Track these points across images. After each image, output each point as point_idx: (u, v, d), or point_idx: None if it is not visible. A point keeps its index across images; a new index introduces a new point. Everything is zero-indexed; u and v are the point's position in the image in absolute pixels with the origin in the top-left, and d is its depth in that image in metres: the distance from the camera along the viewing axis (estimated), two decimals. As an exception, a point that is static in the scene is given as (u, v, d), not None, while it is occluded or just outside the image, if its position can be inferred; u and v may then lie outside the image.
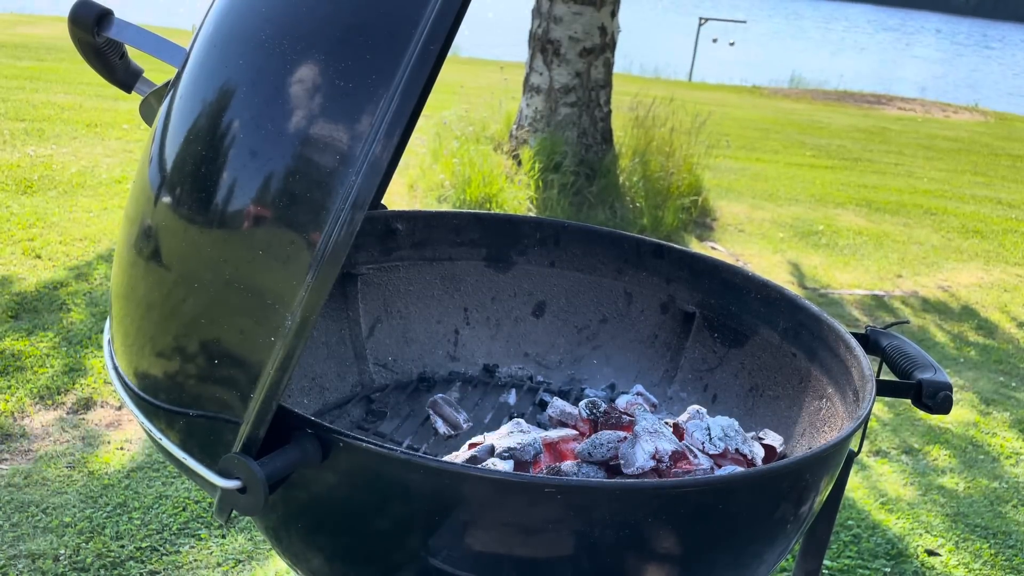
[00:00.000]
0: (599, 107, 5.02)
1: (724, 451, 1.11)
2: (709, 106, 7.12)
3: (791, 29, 34.27)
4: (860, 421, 0.91)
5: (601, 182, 4.87)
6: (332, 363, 1.35)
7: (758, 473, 0.83)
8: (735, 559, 0.87)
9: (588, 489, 0.79)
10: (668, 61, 13.48)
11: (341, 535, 0.86)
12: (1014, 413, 3.12)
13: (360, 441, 0.77)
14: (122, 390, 0.88)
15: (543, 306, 1.46)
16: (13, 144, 4.93)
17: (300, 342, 0.71)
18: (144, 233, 0.83)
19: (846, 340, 1.10)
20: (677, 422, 1.23)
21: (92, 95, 6.46)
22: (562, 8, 4.84)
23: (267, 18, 0.79)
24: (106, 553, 1.92)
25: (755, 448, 1.15)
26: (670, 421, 1.22)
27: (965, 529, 2.39)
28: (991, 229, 5.72)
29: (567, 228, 1.44)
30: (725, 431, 1.12)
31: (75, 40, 0.96)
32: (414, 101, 0.69)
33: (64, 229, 3.73)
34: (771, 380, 1.27)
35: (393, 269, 1.41)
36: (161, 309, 0.82)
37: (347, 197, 0.69)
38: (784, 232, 5.11)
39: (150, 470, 2.24)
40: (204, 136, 0.79)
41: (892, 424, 2.95)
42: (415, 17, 0.70)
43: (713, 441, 1.11)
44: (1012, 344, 3.81)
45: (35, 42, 8.94)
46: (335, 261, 0.69)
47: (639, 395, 1.32)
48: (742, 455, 1.10)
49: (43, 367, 2.63)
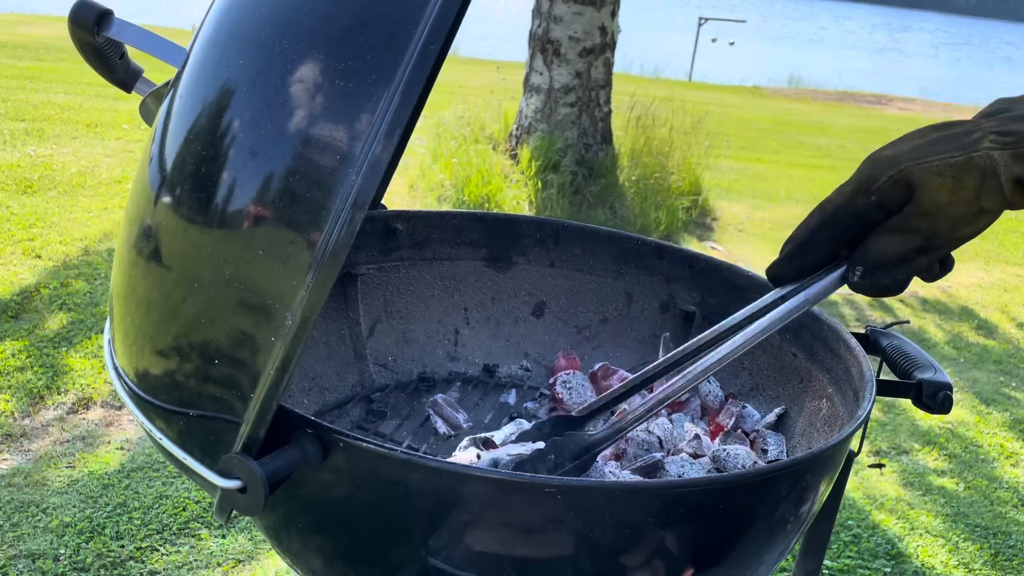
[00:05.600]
0: (599, 107, 5.02)
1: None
2: (709, 106, 7.12)
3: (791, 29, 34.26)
4: (860, 421, 0.91)
5: (601, 182, 4.87)
6: (332, 363, 1.35)
7: (758, 473, 0.83)
8: (735, 559, 0.87)
9: (588, 489, 0.79)
10: (668, 61, 13.48)
11: (341, 535, 0.86)
12: (1014, 413, 3.12)
13: (360, 441, 0.77)
14: (122, 390, 0.88)
15: (543, 306, 1.46)
16: (13, 144, 4.93)
17: (300, 342, 0.71)
18: (144, 233, 0.83)
19: (846, 340, 1.10)
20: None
21: (92, 95, 6.46)
22: (562, 8, 4.84)
23: (267, 18, 0.79)
24: (106, 553, 1.92)
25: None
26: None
27: (965, 529, 2.39)
28: (991, 229, 5.71)
29: (567, 228, 1.44)
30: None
31: (75, 40, 0.96)
32: (414, 101, 0.69)
33: (64, 229, 3.73)
34: (771, 380, 1.27)
35: (393, 269, 1.41)
36: (161, 309, 0.82)
37: (347, 197, 0.69)
38: (784, 232, 5.11)
39: (150, 470, 2.24)
40: (204, 136, 0.79)
41: (892, 424, 2.96)
42: (415, 17, 0.70)
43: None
44: (1012, 344, 3.81)
45: (35, 42, 8.94)
46: (335, 261, 0.69)
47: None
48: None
49: (43, 367, 2.63)
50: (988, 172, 0.74)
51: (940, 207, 0.75)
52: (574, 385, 1.28)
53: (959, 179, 0.75)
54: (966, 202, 0.75)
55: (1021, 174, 0.74)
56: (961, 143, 0.76)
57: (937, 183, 0.75)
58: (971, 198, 0.75)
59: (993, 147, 0.75)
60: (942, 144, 0.76)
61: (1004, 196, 0.75)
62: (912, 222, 0.77)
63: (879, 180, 0.77)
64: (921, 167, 0.76)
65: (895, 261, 0.78)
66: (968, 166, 0.75)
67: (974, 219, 0.76)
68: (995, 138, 0.75)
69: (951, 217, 0.76)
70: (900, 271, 0.79)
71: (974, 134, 0.76)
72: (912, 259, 0.78)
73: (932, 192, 0.75)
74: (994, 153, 0.75)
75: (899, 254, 0.78)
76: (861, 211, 0.79)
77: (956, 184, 0.75)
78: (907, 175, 0.76)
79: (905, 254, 0.78)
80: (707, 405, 1.29)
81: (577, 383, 1.28)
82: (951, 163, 0.75)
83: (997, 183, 0.75)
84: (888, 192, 0.77)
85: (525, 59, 5.10)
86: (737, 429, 1.21)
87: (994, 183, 0.75)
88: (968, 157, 0.75)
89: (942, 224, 0.76)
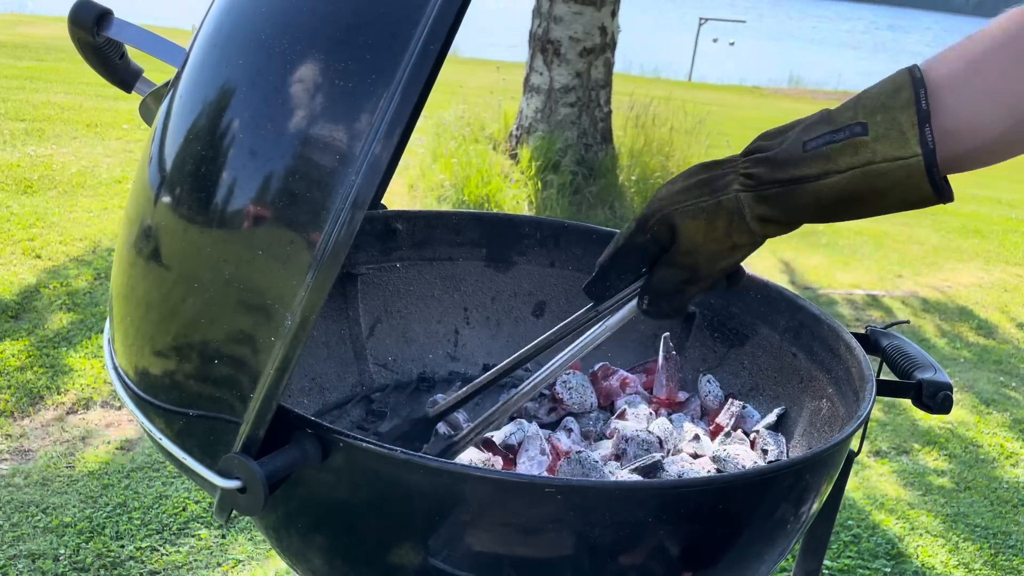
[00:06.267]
0: (599, 107, 5.02)
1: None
2: (709, 106, 7.12)
3: (791, 29, 34.24)
4: (860, 421, 0.91)
5: (601, 182, 4.87)
6: (332, 363, 1.35)
7: (758, 473, 0.83)
8: (735, 559, 0.87)
9: (588, 489, 0.79)
10: (668, 61, 13.48)
11: (341, 535, 0.86)
12: (1014, 413, 3.12)
13: (360, 441, 0.77)
14: (122, 390, 0.88)
15: (543, 306, 1.46)
16: (13, 144, 4.93)
17: (300, 342, 0.71)
18: (144, 233, 0.83)
19: (846, 340, 1.10)
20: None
21: (92, 95, 6.46)
22: (562, 8, 4.84)
23: (267, 18, 0.79)
24: (106, 553, 1.92)
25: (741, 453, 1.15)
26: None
27: (964, 529, 2.39)
28: (991, 229, 5.72)
29: (567, 228, 1.44)
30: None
31: (75, 40, 0.96)
32: (414, 101, 0.69)
33: (64, 229, 3.73)
34: (771, 380, 1.27)
35: (393, 269, 1.41)
36: (161, 309, 0.82)
37: (347, 197, 0.69)
38: (784, 232, 5.11)
39: (150, 470, 2.24)
40: (204, 136, 0.79)
41: (892, 424, 2.95)
42: (415, 17, 0.69)
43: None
44: (1011, 344, 3.81)
45: (35, 42, 8.94)
46: (335, 261, 0.69)
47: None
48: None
49: (43, 367, 2.63)
50: (735, 214, 0.82)
51: (697, 245, 0.85)
52: (574, 385, 1.28)
53: (711, 221, 0.83)
54: (718, 240, 0.84)
55: (764, 213, 0.82)
56: (715, 186, 0.84)
57: (692, 225, 0.84)
58: (722, 236, 0.83)
59: (741, 189, 0.82)
60: (698, 189, 0.84)
61: (752, 232, 0.83)
62: (678, 258, 0.86)
63: (650, 220, 0.87)
64: (679, 211, 0.85)
65: (671, 291, 0.89)
66: (717, 209, 0.83)
67: (729, 253, 0.85)
68: (743, 180, 0.82)
69: (708, 252, 0.85)
70: (676, 299, 0.89)
71: (727, 176, 0.84)
72: (683, 289, 0.88)
73: (689, 233, 0.85)
74: (741, 195, 0.82)
75: (672, 285, 0.88)
76: (641, 246, 0.89)
77: (708, 226, 0.84)
78: (668, 217, 0.85)
79: (677, 285, 0.88)
80: (707, 405, 1.29)
81: (577, 383, 1.28)
82: (702, 207, 0.84)
83: (744, 223, 0.82)
84: (658, 231, 0.87)
85: (525, 59, 5.10)
86: (737, 429, 1.21)
87: (741, 223, 0.82)
88: (717, 201, 0.83)
89: (701, 259, 0.85)
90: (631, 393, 1.31)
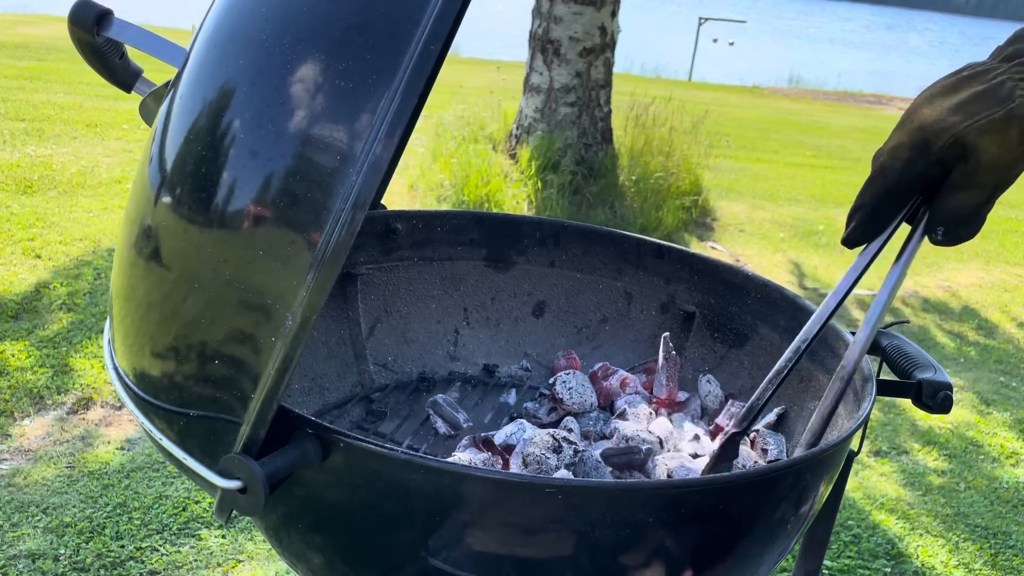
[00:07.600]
0: (599, 107, 5.02)
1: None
2: (709, 106, 7.12)
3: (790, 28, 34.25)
4: (860, 421, 0.91)
5: (601, 182, 4.87)
6: (332, 363, 1.35)
7: (758, 473, 0.83)
8: (735, 559, 0.87)
9: (588, 489, 0.79)
10: (668, 61, 13.48)
11: (341, 535, 0.86)
12: (1014, 413, 3.12)
13: (360, 441, 0.77)
14: (122, 390, 0.88)
15: (543, 306, 1.46)
16: (13, 144, 4.93)
17: (300, 342, 0.71)
18: (144, 233, 0.83)
19: (846, 340, 1.10)
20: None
21: (92, 95, 6.46)
22: (562, 8, 4.84)
23: (267, 18, 0.79)
24: (106, 553, 1.92)
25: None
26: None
27: (964, 529, 2.39)
28: (991, 229, 5.71)
29: (567, 228, 1.44)
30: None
31: (75, 40, 0.96)
32: (415, 101, 0.69)
33: (64, 229, 3.73)
34: (771, 380, 1.27)
35: (393, 269, 1.41)
36: (161, 309, 0.82)
37: (348, 197, 0.69)
38: (784, 232, 5.11)
39: (150, 470, 2.24)
40: (204, 136, 0.79)
41: (892, 424, 2.95)
42: (415, 17, 0.69)
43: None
44: (1012, 344, 3.81)
45: (35, 42, 8.94)
46: (335, 261, 0.69)
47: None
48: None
49: (43, 367, 2.63)
50: None
51: (995, 159, 0.83)
52: (574, 385, 1.28)
53: (1004, 133, 0.82)
54: (1012, 149, 0.82)
55: None
56: (997, 97, 0.82)
57: (988, 141, 0.82)
58: (1015, 145, 0.82)
59: None
60: (979, 102, 0.83)
61: None
62: (977, 178, 0.84)
63: (936, 144, 0.84)
64: (972, 129, 0.82)
65: (972, 214, 0.87)
66: (1009, 119, 0.82)
67: (1021, 161, 0.84)
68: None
69: (1005, 164, 0.83)
70: (977, 223, 0.88)
71: (1005, 84, 0.83)
72: (982, 211, 0.87)
73: (986, 149, 0.82)
74: None
75: (973, 208, 0.86)
76: (922, 173, 0.86)
77: (1003, 138, 0.82)
78: (961, 138, 0.83)
79: (977, 208, 0.86)
80: (707, 405, 1.29)
81: (577, 383, 1.28)
82: (994, 119, 0.82)
83: None
84: (946, 154, 0.84)
85: (525, 59, 5.10)
86: (737, 429, 1.21)
87: None
88: (1008, 111, 0.82)
89: (1000, 174, 0.84)
90: (631, 393, 1.31)
